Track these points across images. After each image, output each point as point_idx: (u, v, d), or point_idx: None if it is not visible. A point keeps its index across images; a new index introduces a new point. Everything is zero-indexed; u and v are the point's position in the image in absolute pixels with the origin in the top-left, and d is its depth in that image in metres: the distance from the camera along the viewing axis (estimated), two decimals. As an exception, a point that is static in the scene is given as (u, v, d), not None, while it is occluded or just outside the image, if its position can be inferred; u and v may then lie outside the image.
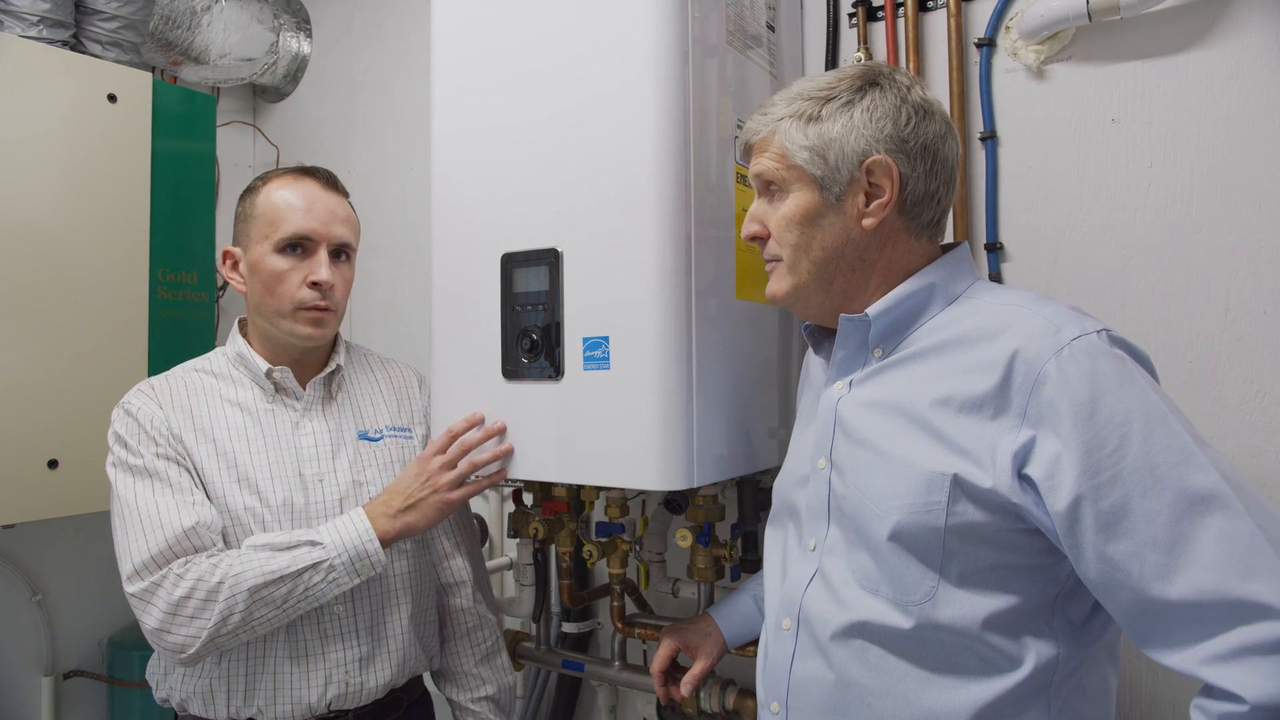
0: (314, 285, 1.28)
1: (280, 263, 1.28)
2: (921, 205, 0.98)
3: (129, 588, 1.16)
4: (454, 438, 1.29)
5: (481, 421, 1.29)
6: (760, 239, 1.05)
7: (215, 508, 1.23)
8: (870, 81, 0.98)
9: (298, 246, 1.29)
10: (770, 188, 1.02)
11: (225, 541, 1.23)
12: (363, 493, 1.32)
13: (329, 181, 1.35)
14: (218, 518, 1.22)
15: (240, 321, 1.38)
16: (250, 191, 1.34)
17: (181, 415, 1.27)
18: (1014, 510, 0.86)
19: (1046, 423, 0.84)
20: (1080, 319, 0.88)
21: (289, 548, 1.19)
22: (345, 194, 1.37)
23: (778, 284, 1.04)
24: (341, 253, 1.34)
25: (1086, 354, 0.84)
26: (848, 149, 0.96)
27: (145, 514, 1.18)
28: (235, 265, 1.34)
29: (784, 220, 1.00)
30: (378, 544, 1.21)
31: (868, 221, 0.97)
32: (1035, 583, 0.89)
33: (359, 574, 1.21)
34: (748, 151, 1.06)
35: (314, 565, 1.18)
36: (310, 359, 1.36)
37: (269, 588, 1.15)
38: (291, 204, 1.29)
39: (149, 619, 1.15)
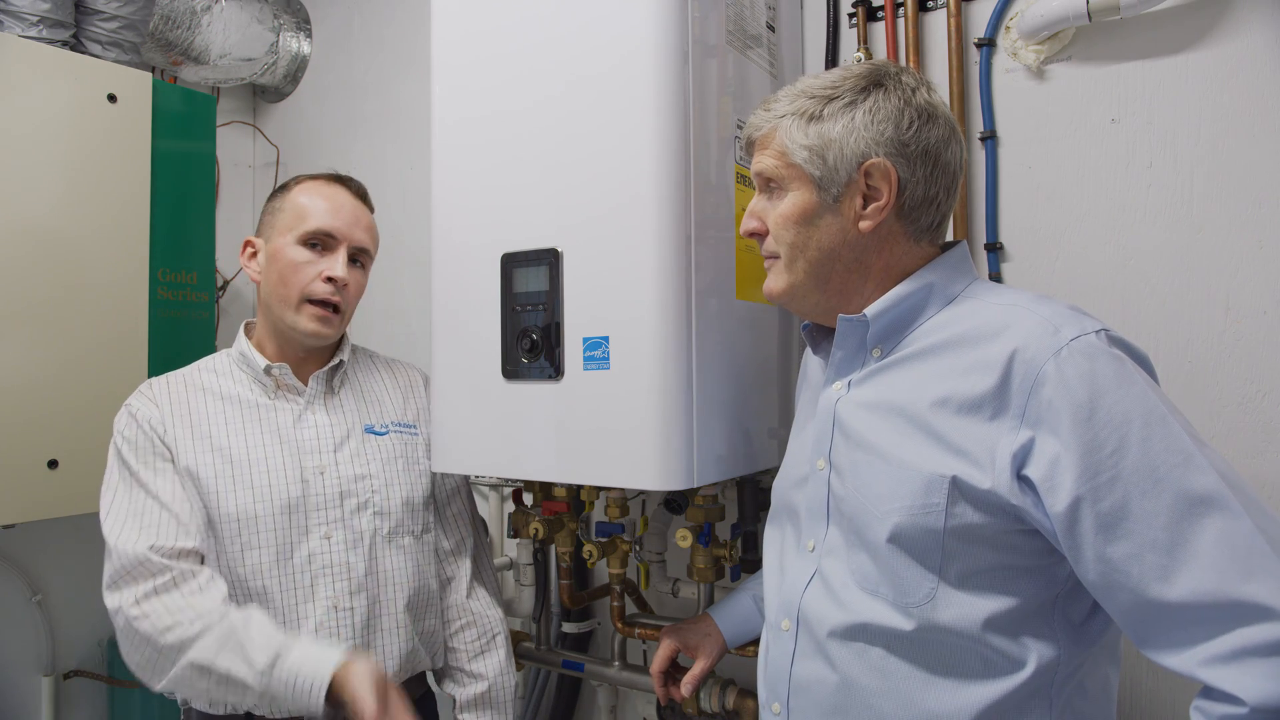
0: (328, 280, 1.31)
1: (300, 254, 1.31)
2: (920, 210, 0.98)
3: (107, 600, 1.21)
4: None
5: None
6: (759, 235, 1.05)
7: (205, 505, 1.24)
8: (875, 82, 0.97)
9: (319, 243, 1.32)
10: (770, 185, 1.02)
11: (214, 540, 1.24)
12: (363, 486, 1.32)
13: (359, 192, 1.40)
14: (171, 532, 1.20)
15: (246, 325, 1.40)
16: (282, 189, 1.38)
17: (179, 414, 1.29)
18: (1013, 511, 0.86)
19: (1045, 424, 0.84)
20: (1079, 319, 0.88)
21: (234, 681, 1.12)
22: (372, 208, 1.42)
23: (774, 281, 1.04)
24: (358, 259, 1.37)
25: (1085, 354, 0.84)
26: (847, 150, 0.95)
27: (111, 546, 1.21)
28: (254, 254, 1.37)
29: (781, 218, 1.00)
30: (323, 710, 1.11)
31: (864, 224, 0.97)
32: (1035, 584, 0.89)
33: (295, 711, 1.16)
34: (750, 147, 1.06)
35: (249, 700, 1.14)
36: (314, 355, 1.38)
37: (205, 695, 1.16)
38: (319, 204, 1.34)
39: (119, 635, 1.20)
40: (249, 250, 1.38)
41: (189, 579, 1.18)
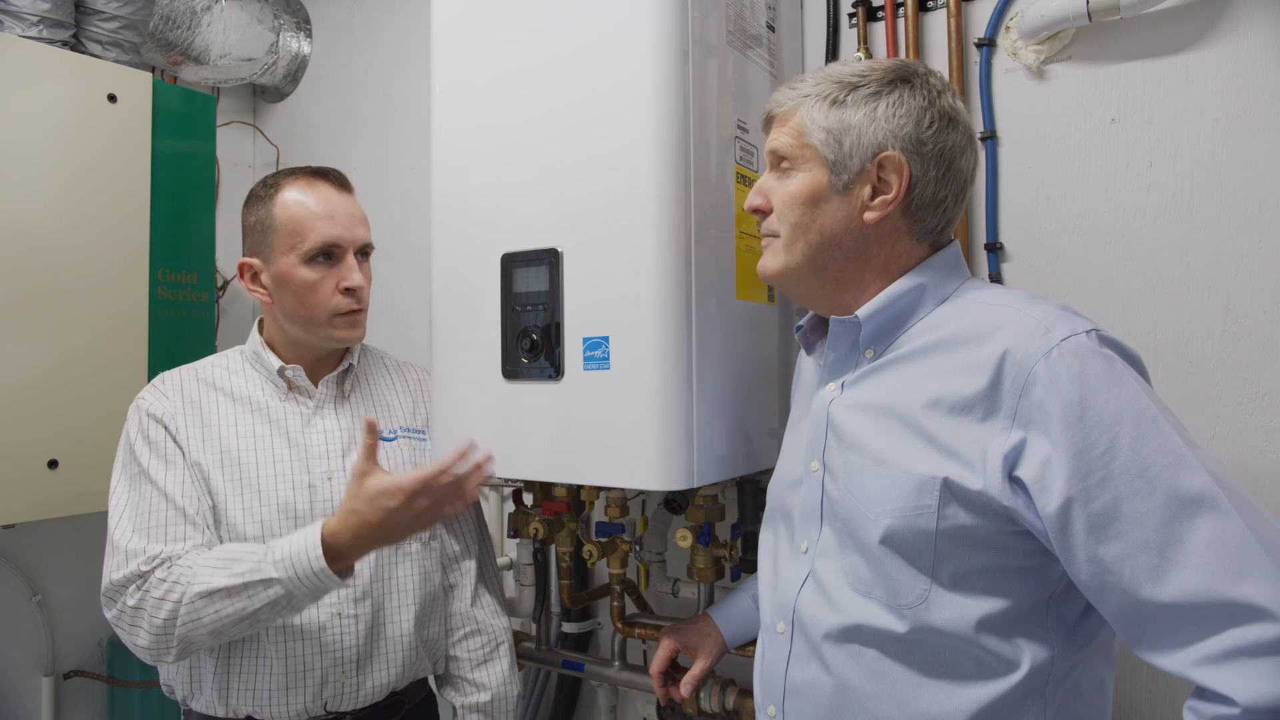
0: (347, 291, 1.30)
1: (311, 273, 1.28)
2: (927, 210, 0.98)
3: (105, 611, 1.20)
4: (443, 470, 1.16)
5: (471, 447, 1.19)
6: (762, 212, 1.04)
7: (214, 504, 1.24)
8: (902, 78, 0.98)
9: (326, 254, 1.29)
10: (782, 163, 1.01)
11: (219, 542, 1.23)
12: None
13: (341, 183, 1.35)
14: (182, 531, 1.20)
15: (259, 322, 1.39)
16: (261, 200, 1.32)
17: (190, 410, 1.29)
18: (1004, 513, 0.86)
19: (1036, 424, 0.84)
20: (1070, 319, 0.88)
21: (241, 587, 1.13)
22: (353, 190, 1.38)
23: (770, 260, 1.03)
24: (363, 252, 1.35)
25: (1076, 355, 0.84)
26: (864, 138, 0.95)
27: (113, 542, 1.20)
28: (256, 277, 1.32)
29: (788, 197, 1.00)
30: (334, 576, 1.14)
31: (869, 215, 0.97)
32: (1027, 584, 0.89)
33: (322, 594, 1.17)
34: (768, 124, 1.05)
35: (271, 603, 1.14)
36: (327, 358, 1.37)
37: (231, 627, 1.15)
38: (313, 212, 1.29)
39: (121, 636, 1.19)
40: (249, 273, 1.32)
41: (177, 559, 1.18)
